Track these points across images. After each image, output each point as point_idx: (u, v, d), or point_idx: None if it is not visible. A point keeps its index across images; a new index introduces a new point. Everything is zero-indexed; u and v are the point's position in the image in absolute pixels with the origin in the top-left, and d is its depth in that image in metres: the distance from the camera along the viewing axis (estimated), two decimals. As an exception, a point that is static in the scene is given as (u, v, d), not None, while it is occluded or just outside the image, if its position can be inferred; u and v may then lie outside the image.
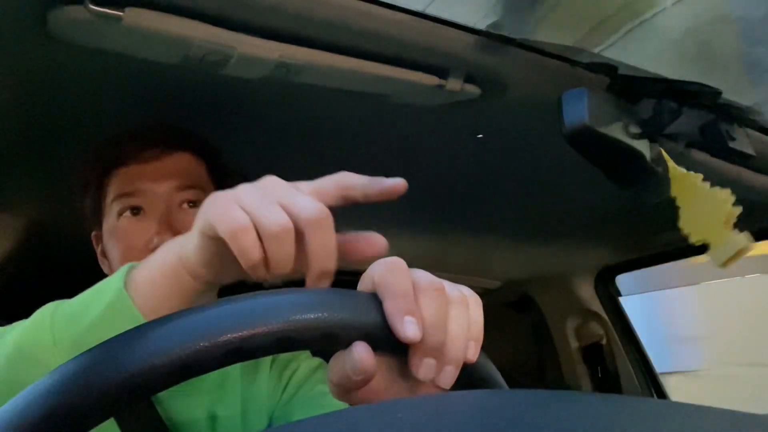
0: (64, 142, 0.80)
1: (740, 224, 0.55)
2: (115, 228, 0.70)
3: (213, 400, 0.68)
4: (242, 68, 0.59)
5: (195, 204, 0.72)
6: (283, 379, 0.73)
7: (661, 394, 1.44)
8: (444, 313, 0.34)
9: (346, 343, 0.32)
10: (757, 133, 0.78)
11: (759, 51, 0.68)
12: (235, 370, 0.71)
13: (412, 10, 0.59)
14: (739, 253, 0.55)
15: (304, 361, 0.76)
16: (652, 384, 1.42)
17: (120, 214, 0.70)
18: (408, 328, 0.32)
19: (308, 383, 0.73)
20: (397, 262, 0.35)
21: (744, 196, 0.91)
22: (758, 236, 1.15)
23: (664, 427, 0.23)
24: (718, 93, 0.66)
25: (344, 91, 0.65)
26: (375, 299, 0.34)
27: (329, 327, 0.31)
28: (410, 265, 0.36)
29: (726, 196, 0.56)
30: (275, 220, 0.36)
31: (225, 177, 0.77)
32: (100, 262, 0.76)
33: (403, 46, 0.61)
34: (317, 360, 0.78)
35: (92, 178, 0.74)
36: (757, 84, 0.71)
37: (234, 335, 0.29)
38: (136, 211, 0.70)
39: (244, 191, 0.39)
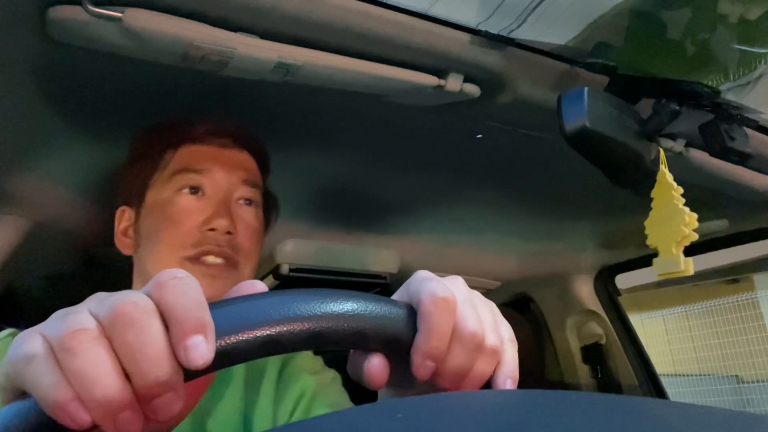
0: (63, 142, 0.80)
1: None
2: (169, 202, 0.67)
3: (208, 415, 0.65)
4: (242, 69, 0.59)
5: (250, 203, 0.71)
6: (291, 395, 0.69)
7: (661, 394, 1.43)
8: (470, 366, 0.35)
9: (371, 347, 0.33)
10: (756, 133, 0.78)
11: None
12: (237, 388, 0.68)
13: (411, 10, 0.59)
14: (676, 274, 0.61)
15: (314, 375, 0.72)
16: (652, 384, 1.42)
17: (179, 189, 0.68)
18: (423, 372, 0.33)
19: (317, 402, 0.69)
20: (449, 301, 0.34)
21: (744, 196, 0.92)
22: (758, 236, 1.15)
23: (664, 427, 0.23)
24: (717, 92, 0.66)
25: (344, 91, 0.65)
26: (412, 315, 0.34)
27: (362, 329, 0.32)
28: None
29: (691, 219, 0.61)
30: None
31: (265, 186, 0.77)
32: (119, 240, 0.73)
33: (403, 46, 0.61)
34: (330, 373, 0.75)
35: (151, 151, 0.71)
36: None
37: (270, 328, 0.29)
38: (195, 190, 0.68)
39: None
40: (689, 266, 0.60)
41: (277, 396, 0.69)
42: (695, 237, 0.60)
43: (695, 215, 0.61)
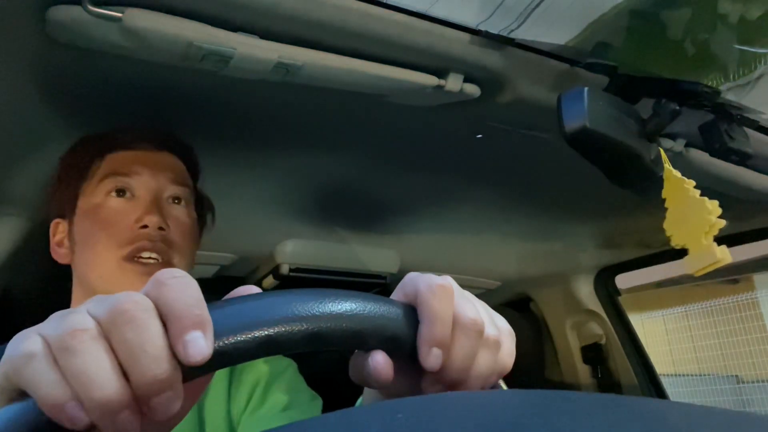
0: (64, 142, 0.80)
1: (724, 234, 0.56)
2: (100, 206, 0.69)
3: None
4: (242, 69, 0.59)
5: (179, 201, 0.73)
6: (245, 385, 0.71)
7: (661, 394, 1.43)
8: (473, 355, 0.35)
9: (371, 346, 0.33)
10: (756, 133, 0.78)
11: None
12: None
13: (411, 10, 0.59)
14: (713, 265, 0.57)
15: (267, 363, 0.74)
16: (652, 384, 1.42)
17: (108, 192, 0.69)
18: (432, 360, 0.33)
19: (274, 387, 0.70)
20: (446, 288, 0.35)
21: (744, 196, 0.92)
22: (758, 236, 1.15)
23: (664, 427, 0.23)
24: (717, 93, 0.66)
25: (343, 91, 0.65)
26: (411, 312, 0.34)
27: (361, 329, 0.32)
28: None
29: (713, 207, 0.57)
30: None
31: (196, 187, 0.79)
32: (54, 251, 0.74)
33: (403, 46, 0.61)
34: (285, 361, 0.76)
35: (79, 162, 0.73)
36: None
37: (269, 328, 0.29)
38: (122, 192, 0.70)
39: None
40: (725, 254, 0.56)
41: (231, 386, 0.71)
42: (722, 223, 0.56)
43: (716, 202, 0.57)
